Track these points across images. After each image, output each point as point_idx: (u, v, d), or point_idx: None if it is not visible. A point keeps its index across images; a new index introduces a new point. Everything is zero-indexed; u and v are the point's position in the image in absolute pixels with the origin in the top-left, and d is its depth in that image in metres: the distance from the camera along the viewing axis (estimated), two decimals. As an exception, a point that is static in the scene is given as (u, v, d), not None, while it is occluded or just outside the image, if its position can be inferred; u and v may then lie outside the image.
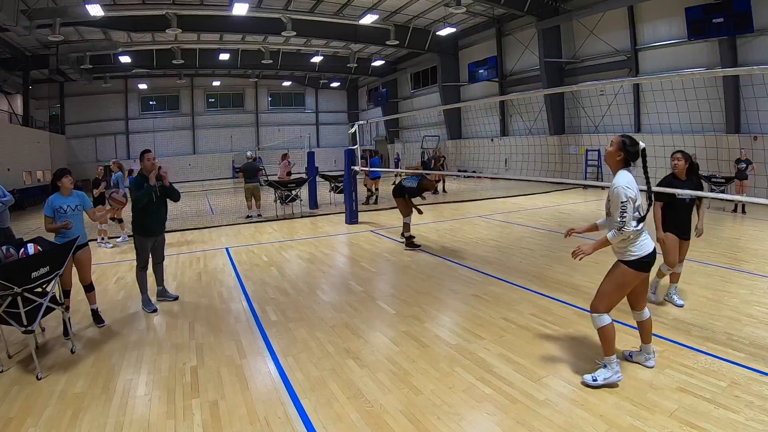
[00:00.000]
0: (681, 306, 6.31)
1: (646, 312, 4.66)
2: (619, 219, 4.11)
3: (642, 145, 4.29)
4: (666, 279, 6.58)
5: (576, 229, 4.95)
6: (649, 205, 4.36)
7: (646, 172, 4.42)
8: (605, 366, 4.35)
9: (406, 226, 10.77)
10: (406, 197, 10.70)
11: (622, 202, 4.08)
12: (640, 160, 4.31)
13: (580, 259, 4.48)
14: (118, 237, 12.57)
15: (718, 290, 6.99)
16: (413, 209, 10.83)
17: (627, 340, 5.19)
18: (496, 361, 4.89)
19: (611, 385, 4.27)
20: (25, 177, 26.24)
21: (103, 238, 12.10)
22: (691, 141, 17.78)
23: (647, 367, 4.63)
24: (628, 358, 4.81)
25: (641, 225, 4.21)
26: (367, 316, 6.36)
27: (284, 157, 19.45)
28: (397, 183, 11.06)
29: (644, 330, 4.66)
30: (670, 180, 6.29)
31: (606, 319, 4.32)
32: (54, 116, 36.66)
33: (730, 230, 11.66)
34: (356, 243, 11.53)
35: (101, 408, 4.22)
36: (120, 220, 12.62)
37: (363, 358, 5.05)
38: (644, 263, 4.27)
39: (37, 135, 29.49)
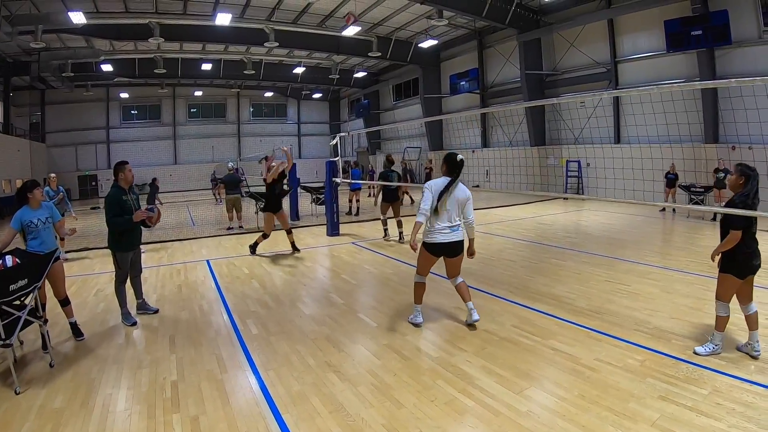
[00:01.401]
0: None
1: (457, 279, 6.44)
2: None
3: (460, 156, 6.19)
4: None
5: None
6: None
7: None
8: (414, 312, 6.48)
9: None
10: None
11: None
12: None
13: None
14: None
15: (698, 299, 7.06)
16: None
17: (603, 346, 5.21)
18: (478, 373, 4.89)
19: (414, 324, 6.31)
20: (4, 185, 25.96)
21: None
22: (671, 152, 18.01)
23: (473, 321, 6.20)
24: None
25: None
26: (349, 329, 6.33)
27: (267, 159, 19.41)
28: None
29: (460, 292, 6.39)
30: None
31: (420, 278, 6.51)
32: (35, 124, 36.35)
33: (709, 239, 11.79)
34: (337, 255, 11.50)
35: (80, 423, 4.15)
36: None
37: (344, 372, 5.02)
38: (429, 247, 6.24)
39: (17, 143, 29.20)
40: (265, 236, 11.55)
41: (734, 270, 4.96)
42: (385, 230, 13.32)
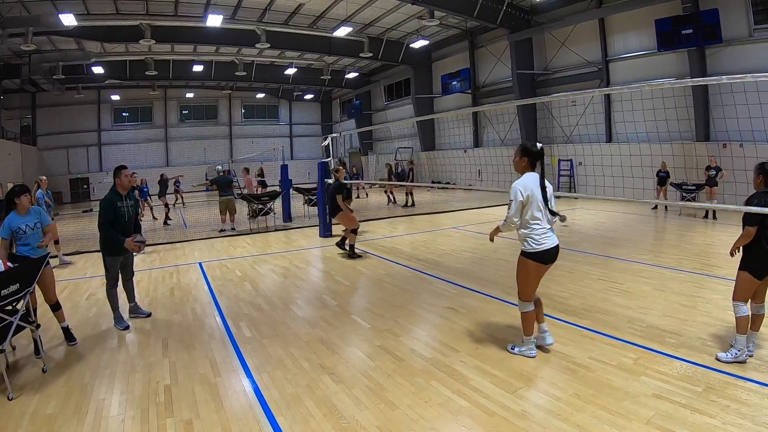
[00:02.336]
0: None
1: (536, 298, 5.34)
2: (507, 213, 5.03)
3: (540, 145, 5.14)
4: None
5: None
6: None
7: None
8: (523, 342, 5.26)
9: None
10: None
11: (510, 200, 4.95)
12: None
13: (492, 241, 5.88)
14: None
15: (691, 296, 7.08)
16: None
17: (599, 347, 5.21)
18: (472, 373, 4.88)
19: (527, 357, 5.15)
20: (-6, 189, 25.77)
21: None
22: (663, 149, 18.07)
23: (546, 345, 5.32)
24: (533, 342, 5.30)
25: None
26: (342, 331, 6.32)
27: (246, 171, 19.34)
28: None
29: (538, 312, 5.36)
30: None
31: (529, 306, 5.23)
32: (26, 127, 36.15)
33: (701, 236, 11.84)
34: (330, 256, 11.48)
35: (74, 429, 4.12)
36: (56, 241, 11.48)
37: (338, 374, 5.01)
38: (540, 257, 5.03)
39: (8, 146, 29.02)
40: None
41: (751, 269, 4.80)
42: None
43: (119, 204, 6.58)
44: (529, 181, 4.92)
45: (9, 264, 5.41)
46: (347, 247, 11.15)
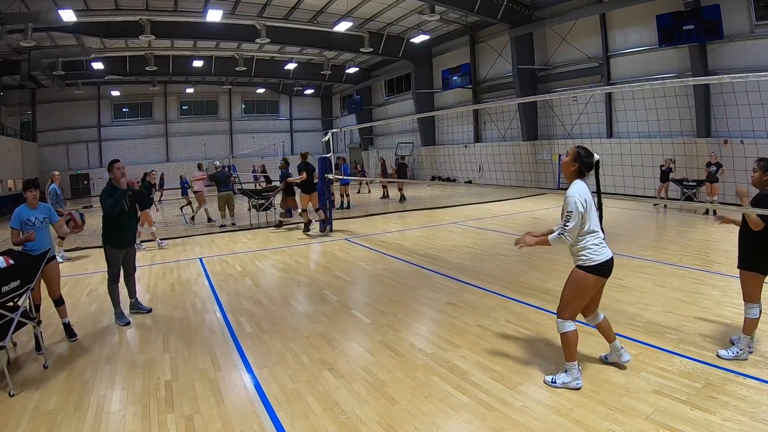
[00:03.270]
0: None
1: (600, 315, 4.79)
2: (562, 226, 4.36)
3: (597, 157, 4.53)
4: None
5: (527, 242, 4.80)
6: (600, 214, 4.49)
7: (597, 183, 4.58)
8: (566, 371, 4.48)
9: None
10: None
11: (568, 212, 4.31)
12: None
13: (520, 248, 4.98)
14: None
15: (691, 292, 7.09)
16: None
17: (600, 343, 5.21)
18: (472, 369, 4.90)
19: (571, 389, 4.39)
20: (-6, 185, 25.81)
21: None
22: (665, 147, 18.06)
23: (624, 362, 4.74)
24: (604, 360, 4.89)
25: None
26: (342, 326, 6.33)
27: (200, 167, 18.90)
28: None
29: (604, 331, 4.77)
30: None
31: (570, 325, 4.44)
32: (25, 123, 36.09)
33: (701, 232, 11.85)
34: (330, 251, 11.49)
35: (75, 425, 4.13)
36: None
37: (339, 369, 5.02)
38: (601, 269, 4.38)
39: (7, 142, 28.99)
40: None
41: (757, 265, 4.75)
42: (306, 223, 13.86)
43: (117, 191, 6.66)
44: (584, 189, 4.41)
45: (10, 261, 5.42)
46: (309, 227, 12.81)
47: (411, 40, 28.49)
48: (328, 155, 14.18)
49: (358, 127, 34.07)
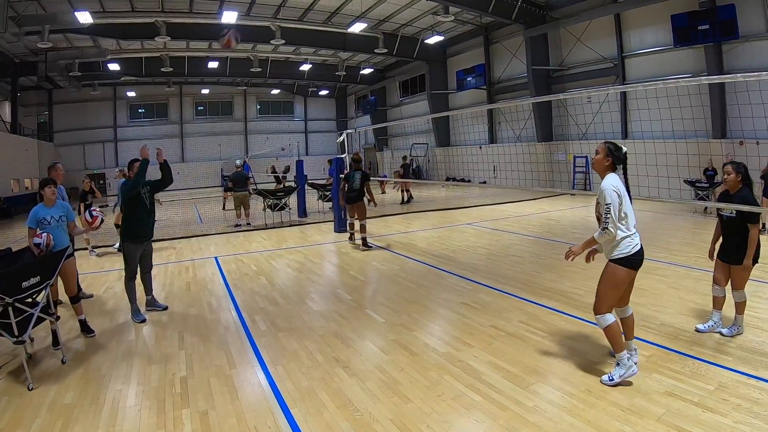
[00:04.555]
0: (728, 335, 5.42)
1: (628, 309, 4.82)
2: (604, 219, 4.39)
3: (624, 149, 4.66)
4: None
5: (574, 251, 4.81)
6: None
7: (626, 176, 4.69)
8: (618, 364, 4.46)
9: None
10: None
11: (606, 204, 4.35)
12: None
13: (571, 260, 4.86)
14: (114, 244, 12.38)
15: (705, 294, 6.99)
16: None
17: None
18: (485, 368, 4.91)
19: (630, 378, 4.42)
20: (13, 185, 26.11)
21: (88, 248, 12.07)
22: (679, 147, 17.93)
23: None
24: (612, 355, 4.85)
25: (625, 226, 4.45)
26: (357, 325, 6.37)
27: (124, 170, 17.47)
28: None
29: (627, 327, 4.78)
30: (724, 194, 5.73)
31: (609, 318, 4.49)
32: (42, 123, 36.48)
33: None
34: (345, 251, 11.53)
35: (91, 419, 4.19)
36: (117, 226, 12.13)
37: (352, 367, 5.05)
38: (632, 261, 4.46)
39: (25, 142, 29.37)
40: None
41: (754, 259, 5.29)
42: (351, 233, 12.38)
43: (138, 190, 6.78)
44: (618, 181, 4.47)
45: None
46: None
47: (425, 41, 28.49)
48: (343, 156, 14.21)
49: (372, 127, 34.08)
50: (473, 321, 6.33)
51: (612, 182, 4.41)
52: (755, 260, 5.30)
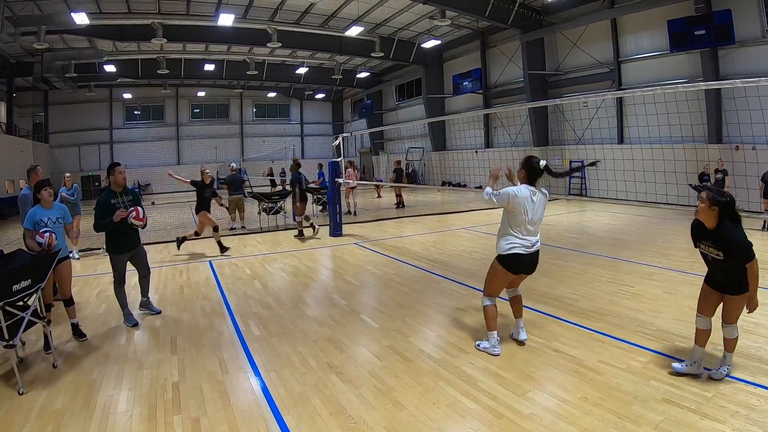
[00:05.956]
0: (717, 378, 4.60)
1: (517, 290, 5.83)
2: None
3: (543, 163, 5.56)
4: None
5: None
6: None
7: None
8: (488, 339, 5.43)
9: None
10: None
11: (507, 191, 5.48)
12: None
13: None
14: (100, 248, 12.31)
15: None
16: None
17: (602, 347, 5.16)
18: (480, 375, 4.87)
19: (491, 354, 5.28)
20: (8, 186, 25.97)
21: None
22: (676, 152, 17.94)
23: (521, 340, 5.62)
24: (511, 336, 5.80)
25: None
26: (351, 330, 6.33)
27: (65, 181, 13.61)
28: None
29: (514, 305, 5.78)
30: (700, 227, 4.65)
31: (486, 301, 5.44)
32: (38, 125, 36.46)
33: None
34: (340, 256, 11.49)
35: (81, 425, 4.14)
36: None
37: (346, 373, 5.01)
38: (506, 260, 5.33)
39: (20, 143, 29.28)
40: (197, 234, 12.42)
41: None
42: (312, 226, 14.02)
43: (113, 201, 6.65)
44: (523, 191, 5.39)
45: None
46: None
47: (422, 45, 28.56)
48: (338, 159, 14.18)
49: (368, 131, 34.10)
50: (468, 326, 6.30)
51: (514, 189, 5.46)
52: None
